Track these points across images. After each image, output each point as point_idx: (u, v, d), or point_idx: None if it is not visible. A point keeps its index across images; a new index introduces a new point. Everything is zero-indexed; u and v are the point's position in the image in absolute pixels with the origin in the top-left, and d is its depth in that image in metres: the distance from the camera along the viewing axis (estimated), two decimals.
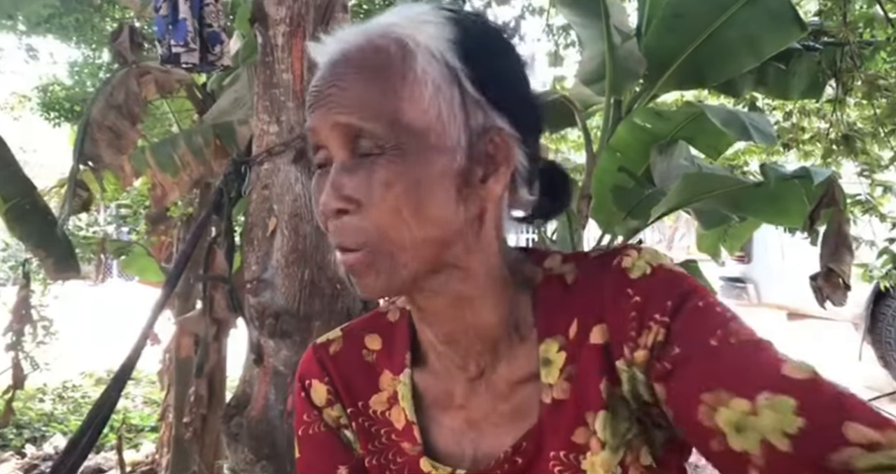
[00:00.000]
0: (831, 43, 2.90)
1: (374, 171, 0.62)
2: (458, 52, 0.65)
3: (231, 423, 1.90)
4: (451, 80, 0.64)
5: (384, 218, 0.62)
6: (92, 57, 5.25)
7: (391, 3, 3.80)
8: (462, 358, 0.73)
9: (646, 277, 0.67)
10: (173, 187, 2.47)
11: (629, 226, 2.63)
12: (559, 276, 0.73)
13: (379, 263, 0.63)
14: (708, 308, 0.65)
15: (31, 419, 4.91)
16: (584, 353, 0.69)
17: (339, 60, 0.65)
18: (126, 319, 4.41)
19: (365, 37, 0.65)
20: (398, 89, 0.63)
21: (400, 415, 0.76)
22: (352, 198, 0.62)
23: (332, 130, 0.63)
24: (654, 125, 2.76)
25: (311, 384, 0.81)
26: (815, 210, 2.00)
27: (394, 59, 0.64)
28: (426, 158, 0.63)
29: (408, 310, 0.79)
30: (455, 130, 0.64)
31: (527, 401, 0.72)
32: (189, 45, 1.87)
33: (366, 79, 0.63)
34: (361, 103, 0.63)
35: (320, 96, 0.65)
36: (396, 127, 0.62)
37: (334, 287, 1.91)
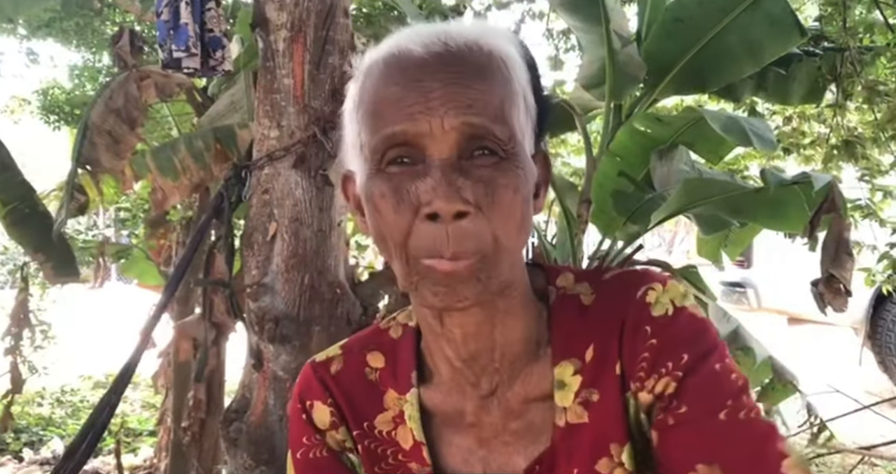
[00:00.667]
0: (831, 48, 2.90)
1: (498, 176, 0.60)
2: (529, 74, 0.66)
3: (230, 428, 1.89)
4: (527, 99, 0.65)
5: (506, 225, 0.60)
6: (92, 60, 5.26)
7: (393, 9, 3.81)
8: (477, 376, 0.71)
9: (667, 318, 0.67)
10: (173, 191, 2.47)
11: (629, 231, 2.63)
12: (574, 296, 0.72)
13: (484, 271, 0.60)
14: (723, 373, 0.65)
15: (28, 423, 4.89)
16: (605, 381, 0.68)
17: (449, 58, 0.61)
18: (125, 323, 4.40)
19: (466, 39, 0.62)
20: (511, 97, 0.63)
21: (407, 435, 0.74)
22: (472, 201, 0.59)
23: (454, 130, 0.59)
24: (654, 130, 2.75)
25: (312, 405, 0.78)
26: (815, 216, 1.99)
27: (502, 68, 0.63)
28: (531, 171, 0.64)
29: (411, 326, 0.77)
30: (529, 147, 0.65)
31: (538, 421, 0.71)
32: (190, 49, 1.87)
33: (487, 80, 0.61)
34: (487, 104, 0.60)
35: (434, 93, 0.60)
36: (513, 133, 0.62)
37: (334, 292, 1.90)
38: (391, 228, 0.61)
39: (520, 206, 0.61)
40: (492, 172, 0.60)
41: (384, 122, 0.61)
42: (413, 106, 0.60)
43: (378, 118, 0.62)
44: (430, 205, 0.59)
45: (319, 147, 1.85)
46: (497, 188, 0.60)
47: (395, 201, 0.60)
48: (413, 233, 0.61)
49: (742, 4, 2.42)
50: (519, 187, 0.61)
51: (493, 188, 0.60)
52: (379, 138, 0.61)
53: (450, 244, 0.59)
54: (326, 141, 1.84)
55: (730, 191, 2.25)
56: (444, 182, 0.58)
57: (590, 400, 0.69)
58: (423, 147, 0.60)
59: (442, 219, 0.59)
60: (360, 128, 0.64)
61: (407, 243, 0.61)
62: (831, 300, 2.14)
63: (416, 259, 0.61)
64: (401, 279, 0.64)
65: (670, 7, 2.60)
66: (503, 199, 0.60)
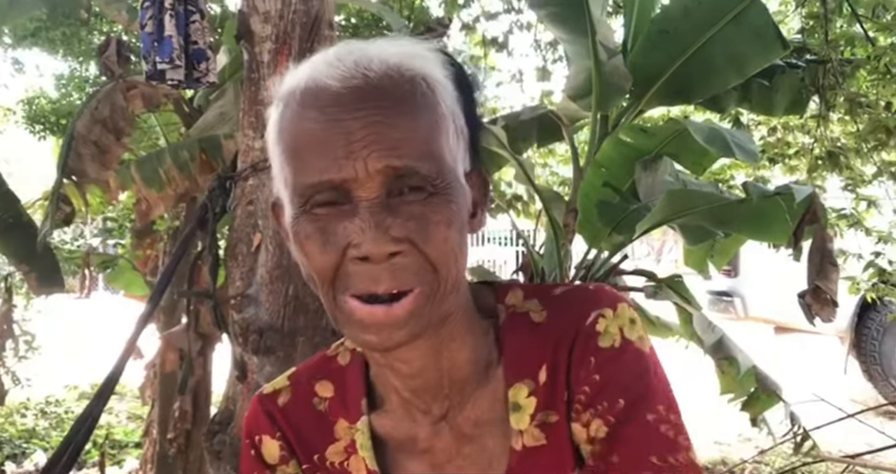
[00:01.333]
0: (814, 60, 2.94)
1: (428, 212, 0.59)
2: (457, 92, 0.64)
3: (214, 440, 1.88)
4: (457, 121, 0.64)
5: (443, 258, 0.59)
6: (79, 70, 5.24)
7: (379, 20, 3.82)
8: (427, 404, 0.70)
9: (612, 351, 0.66)
10: (158, 202, 2.46)
11: (614, 241, 2.64)
12: (524, 314, 0.71)
13: (421, 308, 0.59)
14: (654, 426, 0.65)
15: (11, 435, 4.83)
16: (559, 404, 0.68)
17: (370, 92, 0.58)
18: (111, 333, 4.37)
19: (388, 65, 0.60)
20: (438, 125, 0.61)
21: (360, 465, 0.72)
22: (403, 239, 0.58)
23: (378, 173, 0.57)
24: (638, 141, 2.78)
25: (261, 440, 0.76)
26: (798, 227, 2.02)
27: (426, 94, 0.61)
28: (464, 199, 0.63)
29: (359, 352, 0.76)
30: (462, 169, 0.64)
31: (491, 445, 0.70)
32: (174, 61, 1.87)
33: (410, 113, 0.59)
34: (412, 141, 0.58)
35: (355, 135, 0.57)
36: (443, 166, 0.60)
37: (319, 303, 1.89)
38: (319, 269, 0.60)
39: (455, 238, 0.60)
40: (422, 208, 0.59)
41: (307, 168, 0.59)
42: (336, 150, 0.57)
43: (299, 160, 0.60)
44: (359, 248, 0.58)
45: None
46: (428, 224, 0.59)
47: (321, 243, 0.59)
48: (342, 271, 0.59)
49: (726, 17, 2.45)
50: (452, 220, 0.60)
51: (425, 224, 0.58)
52: (302, 184, 0.59)
53: (384, 280, 0.58)
54: None
55: (713, 203, 2.28)
56: (373, 223, 0.57)
57: (547, 422, 0.68)
58: (349, 190, 0.59)
59: (373, 260, 0.58)
60: (282, 164, 0.63)
61: (335, 280, 0.60)
62: (819, 311, 2.16)
63: (344, 296, 0.60)
64: (329, 316, 0.63)
65: (656, 19, 2.63)
66: (436, 235, 0.59)
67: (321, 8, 1.86)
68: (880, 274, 3.22)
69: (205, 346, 2.89)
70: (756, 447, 4.65)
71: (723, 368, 2.52)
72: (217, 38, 3.00)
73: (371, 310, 0.59)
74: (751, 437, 4.83)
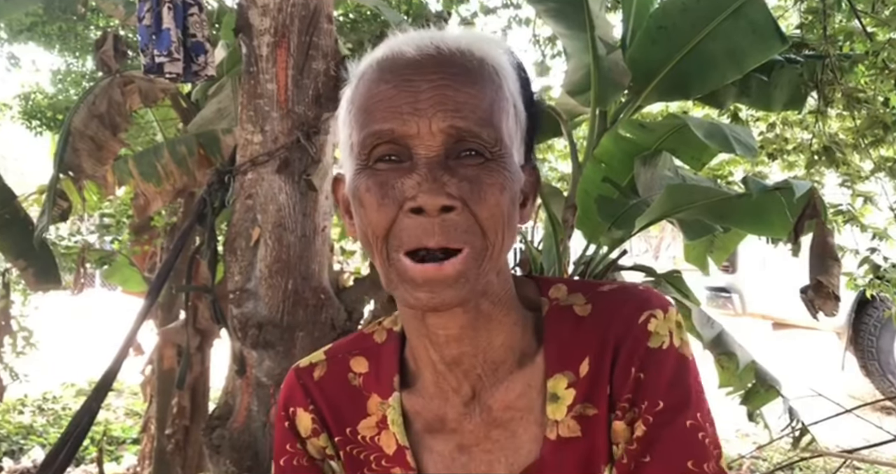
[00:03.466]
0: (812, 56, 2.93)
1: (483, 175, 0.61)
2: (520, 86, 0.67)
3: (213, 435, 1.88)
4: (518, 107, 0.66)
5: (493, 221, 0.61)
6: (75, 65, 5.21)
7: (378, 14, 3.81)
8: (459, 381, 0.71)
9: (660, 352, 0.67)
10: (156, 197, 2.46)
11: (613, 237, 2.64)
12: (568, 308, 0.72)
13: (469, 270, 0.61)
14: (692, 432, 0.66)
15: (9, 432, 4.82)
16: (600, 398, 0.68)
17: (440, 59, 0.62)
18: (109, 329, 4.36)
19: (459, 45, 0.63)
20: (500, 102, 0.63)
21: (390, 440, 0.74)
22: (457, 197, 0.60)
23: (441, 132, 0.60)
24: (638, 136, 2.77)
25: (295, 412, 0.78)
26: (798, 222, 2.01)
27: (493, 74, 0.64)
28: (517, 174, 0.65)
29: (396, 331, 0.77)
30: (518, 157, 0.66)
31: (521, 432, 0.71)
32: (172, 55, 1.86)
33: (477, 83, 0.62)
34: (475, 108, 0.61)
35: (423, 94, 0.61)
36: (501, 136, 0.63)
37: (318, 297, 1.90)
38: (374, 223, 0.62)
39: (506, 205, 0.62)
40: (478, 171, 0.61)
41: (373, 120, 0.62)
42: (402, 106, 0.60)
43: (368, 115, 0.62)
44: (414, 200, 0.59)
45: (303, 152, 1.85)
46: (483, 186, 0.61)
47: (380, 195, 0.61)
48: (396, 228, 0.61)
49: (725, 12, 2.45)
50: (505, 186, 0.62)
51: (479, 186, 0.60)
52: (367, 134, 0.62)
53: (436, 234, 0.59)
54: (310, 146, 1.83)
55: (712, 197, 2.27)
56: (430, 178, 0.59)
57: (585, 415, 0.68)
58: (410, 146, 0.61)
59: (427, 213, 0.59)
60: (351, 128, 0.65)
61: (388, 237, 0.62)
62: (821, 305, 2.15)
63: (398, 254, 0.61)
64: (381, 278, 0.64)
65: (654, 14, 2.62)
66: (489, 197, 0.61)
67: (320, 1, 1.86)
68: (875, 270, 3.22)
69: (203, 342, 2.89)
70: (754, 442, 4.66)
71: (722, 363, 2.52)
72: (215, 32, 2.99)
73: (423, 268, 0.60)
74: (749, 433, 4.85)
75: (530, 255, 2.87)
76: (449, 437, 0.73)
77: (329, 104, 1.85)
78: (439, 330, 0.68)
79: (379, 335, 0.79)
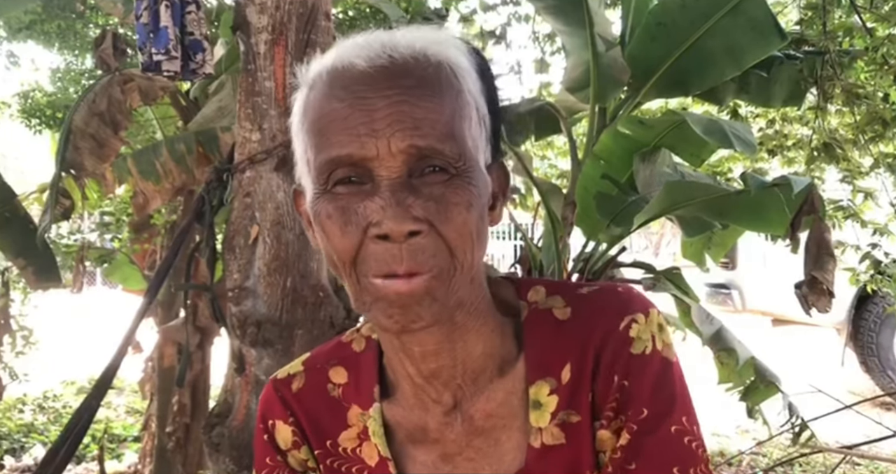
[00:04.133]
0: (812, 51, 2.93)
1: (449, 193, 0.59)
2: (481, 83, 0.65)
3: (212, 433, 1.88)
4: (480, 110, 0.64)
5: (461, 241, 0.59)
6: (75, 63, 5.21)
7: (377, 11, 3.81)
8: (439, 392, 0.70)
9: (643, 358, 0.66)
10: (155, 195, 2.46)
11: (613, 234, 2.64)
12: (547, 311, 0.71)
13: (440, 288, 0.59)
14: (677, 438, 0.65)
15: (10, 430, 4.84)
16: (583, 404, 0.68)
17: (393, 71, 0.59)
18: (109, 327, 4.37)
19: (413, 50, 0.60)
20: (461, 110, 0.61)
21: (372, 452, 0.73)
22: (423, 219, 0.58)
23: (401, 153, 0.58)
24: (637, 133, 2.77)
25: (274, 425, 0.76)
26: (796, 218, 2.01)
27: (451, 79, 0.61)
28: (484, 184, 0.63)
29: (374, 339, 0.76)
30: (483, 159, 0.64)
31: (505, 439, 0.70)
32: (170, 53, 1.86)
33: (435, 95, 0.59)
34: (435, 122, 0.58)
35: (379, 113, 0.57)
36: (465, 149, 0.60)
37: (317, 295, 1.90)
38: (339, 249, 0.60)
39: (474, 222, 0.60)
40: (443, 190, 0.59)
41: (329, 143, 0.59)
42: (358, 127, 0.58)
43: (323, 137, 0.60)
44: (379, 227, 0.57)
45: None
46: (449, 205, 0.58)
47: (342, 222, 0.59)
48: (363, 253, 0.59)
49: (724, 9, 2.44)
50: (472, 203, 0.60)
51: (445, 205, 0.58)
52: (324, 160, 0.59)
53: (404, 261, 0.58)
54: None
55: (711, 194, 2.27)
56: (394, 202, 0.57)
57: (568, 422, 0.68)
58: (370, 168, 0.59)
59: (393, 239, 0.58)
60: (305, 145, 0.63)
61: (356, 263, 0.60)
62: (815, 301, 2.16)
63: (367, 278, 0.60)
64: (353, 300, 0.63)
65: (653, 11, 2.62)
66: (456, 216, 0.59)
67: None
68: (876, 265, 3.22)
69: (203, 340, 2.90)
70: (754, 438, 4.67)
71: (721, 359, 2.52)
72: (214, 30, 2.99)
73: (392, 283, 0.58)
74: (748, 429, 4.85)
75: (530, 252, 2.87)
76: (431, 447, 0.72)
77: None
78: (415, 346, 0.67)
79: (357, 344, 0.77)
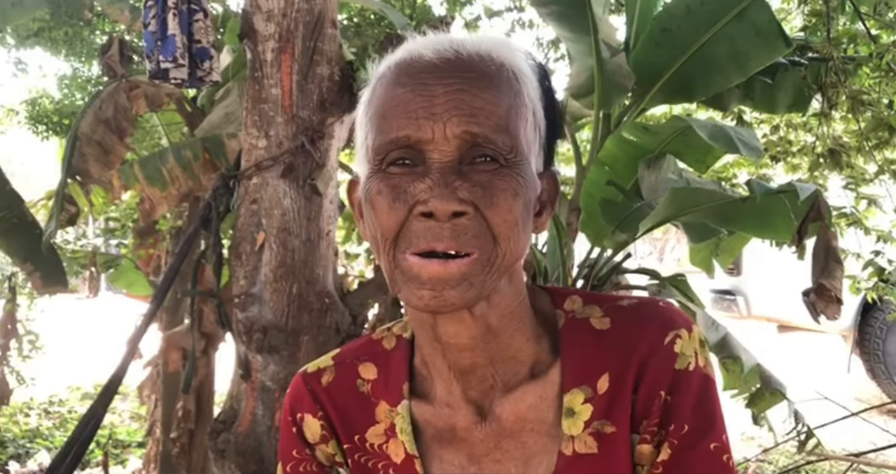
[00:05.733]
0: (816, 58, 2.93)
1: (497, 180, 0.60)
2: (542, 92, 0.66)
3: (218, 439, 1.88)
4: (537, 115, 0.66)
5: (505, 226, 0.60)
6: (81, 70, 5.25)
7: (382, 19, 3.83)
8: (470, 390, 0.71)
9: (686, 374, 0.67)
10: (161, 201, 2.47)
11: (618, 240, 2.64)
12: (584, 321, 0.71)
13: (475, 274, 0.60)
14: (716, 455, 0.67)
15: (14, 435, 4.84)
16: (620, 415, 0.68)
17: (457, 64, 0.62)
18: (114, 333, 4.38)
19: (479, 49, 0.63)
20: (518, 108, 0.63)
21: (399, 449, 0.73)
22: (469, 202, 0.59)
23: (455, 138, 0.60)
24: (642, 139, 2.77)
25: (303, 418, 0.77)
26: (802, 225, 2.01)
27: (512, 80, 0.63)
28: (533, 182, 0.64)
29: (405, 338, 0.76)
30: (535, 164, 0.65)
31: (532, 444, 0.70)
32: (178, 60, 1.87)
33: (494, 89, 0.61)
34: (491, 113, 0.61)
35: (439, 98, 0.60)
36: (517, 143, 0.62)
37: (323, 301, 1.90)
38: (384, 224, 0.61)
39: (519, 210, 0.61)
40: (491, 177, 0.61)
41: (389, 125, 0.62)
42: (418, 110, 0.60)
43: (383, 120, 0.62)
44: (425, 204, 0.59)
45: (307, 156, 1.86)
46: (495, 191, 0.60)
47: (391, 198, 0.61)
48: (406, 229, 0.61)
49: (728, 15, 2.45)
50: (518, 192, 0.61)
51: (492, 191, 0.60)
52: (382, 141, 0.62)
53: (445, 238, 0.59)
54: (314, 150, 1.84)
55: (717, 200, 2.27)
56: (442, 183, 0.59)
57: (602, 432, 0.68)
58: (424, 151, 0.61)
59: (438, 218, 0.59)
60: (367, 131, 0.65)
61: (398, 239, 0.61)
62: (823, 309, 2.15)
63: (405, 255, 0.61)
64: (388, 279, 0.64)
65: (658, 17, 2.62)
66: (501, 202, 0.60)
67: (324, 6, 1.87)
68: (879, 273, 3.21)
69: (208, 346, 2.90)
70: (759, 445, 4.65)
71: (727, 366, 2.51)
72: (219, 37, 3.00)
73: (429, 264, 0.59)
74: (754, 436, 4.83)
75: (534, 258, 2.87)
76: (459, 447, 0.72)
77: (333, 109, 1.85)
78: (450, 339, 0.68)
79: (388, 341, 0.78)
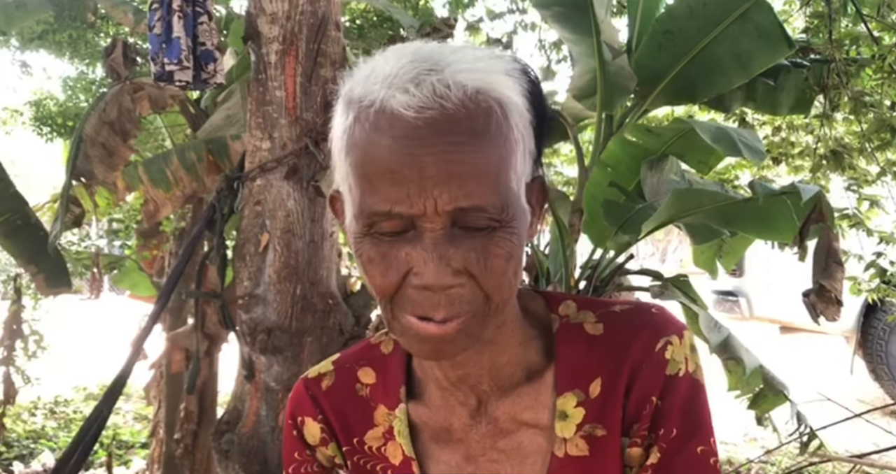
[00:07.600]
0: (818, 60, 2.93)
1: (491, 246, 0.59)
2: (529, 106, 0.64)
3: (222, 440, 1.89)
4: (526, 140, 0.63)
5: (498, 288, 0.61)
6: (86, 72, 5.27)
7: (386, 20, 3.83)
8: (465, 395, 0.72)
9: (676, 379, 0.69)
10: (165, 202, 2.48)
11: (620, 241, 2.64)
12: (578, 326, 0.72)
13: (471, 327, 0.61)
14: (703, 458, 0.68)
15: (19, 436, 4.86)
16: (611, 419, 0.69)
17: (443, 125, 0.57)
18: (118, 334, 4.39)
19: (464, 94, 0.58)
20: (509, 155, 0.61)
21: (397, 451, 0.75)
22: (463, 271, 0.59)
23: (447, 213, 0.58)
24: (644, 140, 2.78)
25: (303, 421, 0.79)
26: (804, 226, 2.01)
27: (500, 123, 0.60)
28: (524, 222, 0.63)
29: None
30: (524, 184, 0.64)
31: (526, 444, 0.72)
32: (182, 63, 1.89)
33: (483, 146, 0.58)
34: (482, 177, 0.58)
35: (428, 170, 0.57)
36: (509, 198, 0.60)
37: (326, 303, 1.91)
38: (379, 288, 0.62)
39: (512, 270, 0.61)
40: (485, 242, 0.59)
41: (376, 194, 0.59)
42: (409, 185, 0.57)
43: (370, 184, 0.59)
44: (420, 278, 0.59)
45: (311, 158, 1.87)
46: (489, 257, 0.59)
47: (383, 267, 0.60)
48: (401, 294, 0.61)
49: (731, 16, 2.45)
50: (512, 254, 0.61)
51: (486, 256, 0.59)
52: (371, 210, 0.59)
53: (441, 308, 0.59)
54: (318, 152, 1.85)
55: (719, 202, 2.27)
56: (436, 256, 0.58)
57: (594, 435, 0.69)
58: (415, 222, 0.59)
59: (433, 290, 0.59)
60: (348, 175, 0.62)
61: (393, 299, 0.61)
62: (823, 310, 2.15)
63: (403, 313, 0.61)
64: (386, 323, 0.64)
65: (660, 19, 2.63)
66: (496, 266, 0.60)
67: (328, 9, 1.88)
68: (882, 274, 3.21)
69: (211, 347, 2.91)
70: (762, 447, 4.65)
71: (729, 368, 2.51)
72: (223, 39, 3.02)
73: (426, 326, 0.60)
74: (757, 437, 4.83)
75: (537, 259, 2.88)
76: (455, 447, 0.74)
77: None
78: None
79: (386, 346, 0.79)
